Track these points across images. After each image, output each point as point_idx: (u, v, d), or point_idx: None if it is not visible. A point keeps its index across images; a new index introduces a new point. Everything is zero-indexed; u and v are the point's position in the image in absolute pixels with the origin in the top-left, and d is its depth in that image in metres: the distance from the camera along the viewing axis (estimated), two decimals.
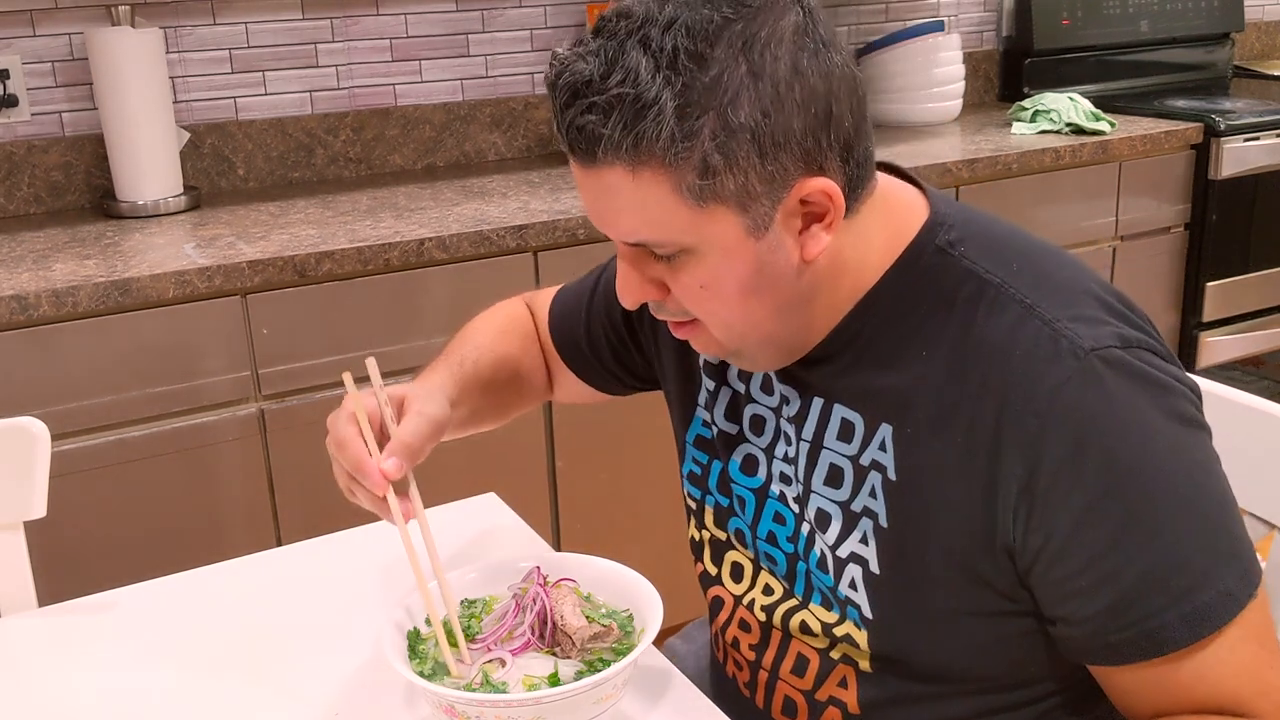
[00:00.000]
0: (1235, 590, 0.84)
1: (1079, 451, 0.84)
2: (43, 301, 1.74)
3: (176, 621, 1.16)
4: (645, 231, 0.87)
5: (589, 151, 0.84)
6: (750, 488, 1.06)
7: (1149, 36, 3.24)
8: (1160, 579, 0.84)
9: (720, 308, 0.90)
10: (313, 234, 2.02)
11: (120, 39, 2.16)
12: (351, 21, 2.48)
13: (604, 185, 0.85)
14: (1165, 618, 0.84)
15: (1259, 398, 1.11)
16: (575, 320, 1.25)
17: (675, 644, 1.33)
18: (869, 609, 0.95)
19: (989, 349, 0.88)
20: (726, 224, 0.85)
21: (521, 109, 2.68)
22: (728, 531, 1.09)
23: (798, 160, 0.84)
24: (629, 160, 0.82)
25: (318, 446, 1.97)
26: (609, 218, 0.88)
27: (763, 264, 0.87)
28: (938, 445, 0.89)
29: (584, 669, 0.92)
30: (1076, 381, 0.84)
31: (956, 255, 0.92)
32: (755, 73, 0.81)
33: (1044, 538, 0.86)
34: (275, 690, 1.04)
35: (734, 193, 0.83)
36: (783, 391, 1.01)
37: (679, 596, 1.11)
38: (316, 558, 1.28)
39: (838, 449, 0.96)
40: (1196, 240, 2.82)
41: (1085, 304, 0.89)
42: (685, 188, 0.83)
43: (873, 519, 0.94)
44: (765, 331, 0.93)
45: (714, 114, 0.81)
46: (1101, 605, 0.85)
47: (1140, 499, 0.84)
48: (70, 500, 1.77)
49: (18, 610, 1.24)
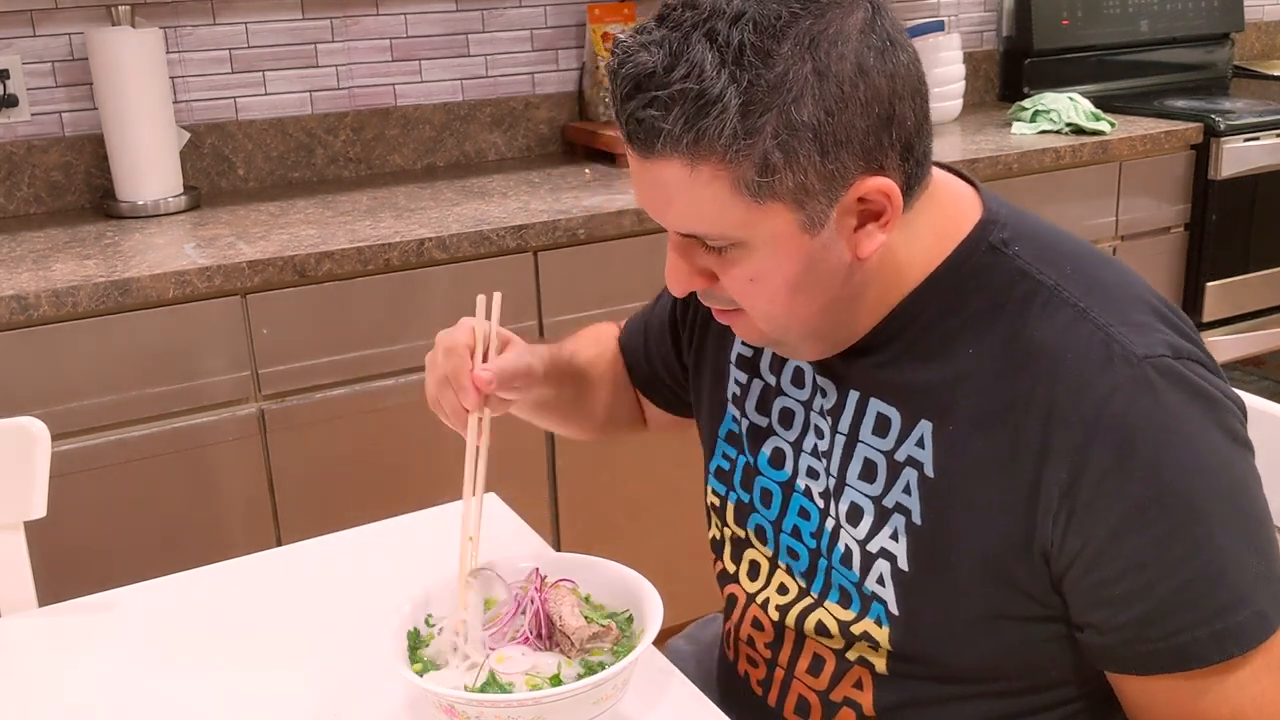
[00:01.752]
0: (1269, 612, 0.84)
1: (1125, 459, 0.83)
2: (43, 301, 1.74)
3: (176, 621, 1.16)
4: (698, 225, 0.87)
5: (647, 144, 0.83)
6: (777, 481, 1.05)
7: (1149, 36, 3.24)
8: (1196, 595, 0.83)
9: (767, 302, 0.90)
10: (313, 234, 2.02)
11: (120, 39, 2.16)
12: (351, 21, 2.48)
13: (660, 177, 0.85)
14: (1197, 633, 0.83)
15: (1259, 398, 1.11)
16: (638, 340, 1.27)
17: (678, 644, 1.33)
18: (895, 605, 0.94)
19: (1040, 351, 0.87)
20: (781, 220, 0.84)
21: (521, 109, 2.68)
22: (747, 529, 1.09)
23: (858, 159, 0.83)
24: (688, 155, 0.82)
25: (318, 446, 1.98)
26: (662, 208, 0.88)
27: (814, 261, 0.87)
28: (980, 445, 0.89)
29: (584, 670, 0.92)
30: (1127, 389, 0.83)
31: (1010, 255, 0.92)
32: (820, 71, 0.81)
33: (1082, 542, 0.85)
34: (275, 690, 1.04)
35: (791, 190, 0.83)
36: (820, 384, 1.01)
37: (679, 596, 1.11)
38: (316, 558, 1.28)
39: (873, 443, 0.96)
40: (1196, 240, 2.82)
41: (1138, 310, 0.88)
42: (744, 184, 0.82)
43: (905, 515, 0.93)
44: (810, 326, 0.93)
45: (777, 112, 0.80)
46: (1134, 615, 0.85)
47: (1183, 512, 0.83)
48: (70, 500, 1.77)
49: (18, 610, 1.24)
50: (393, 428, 2.02)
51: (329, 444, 1.98)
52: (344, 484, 2.00)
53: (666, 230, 0.91)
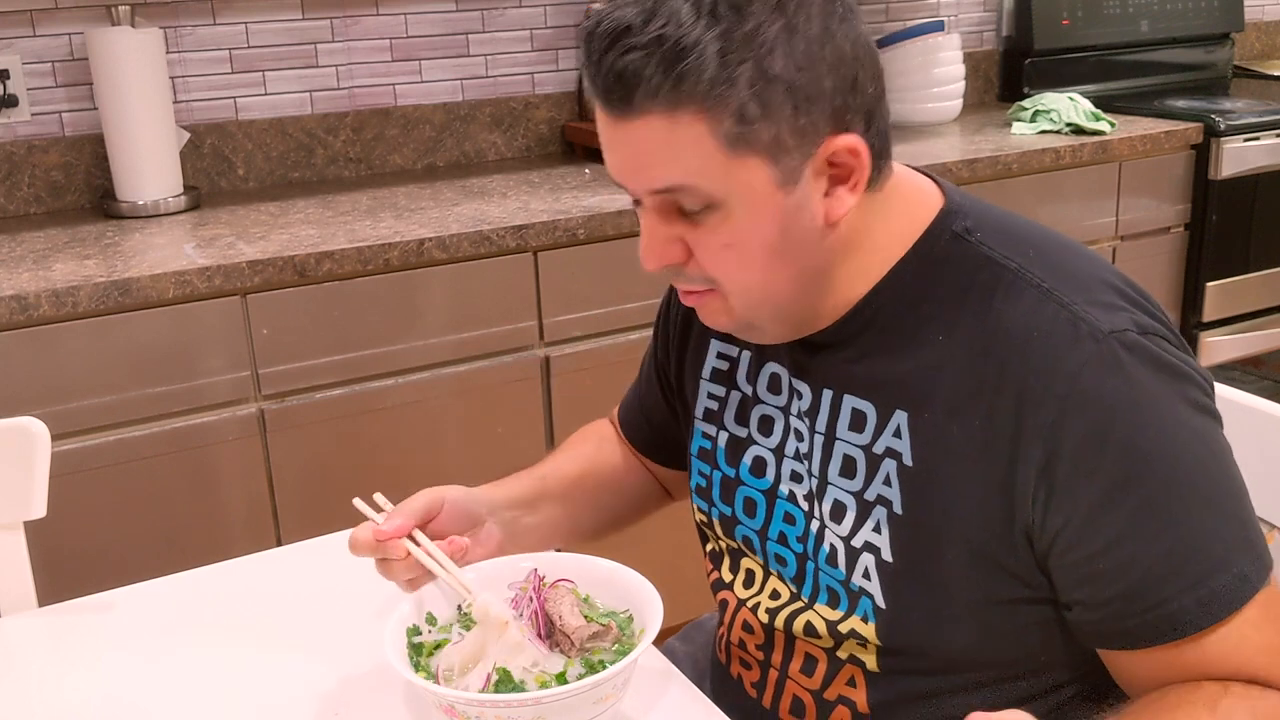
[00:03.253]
0: (1250, 574, 0.85)
1: (1100, 436, 0.85)
2: (43, 301, 1.74)
3: (176, 621, 1.16)
4: (678, 177, 0.87)
5: (625, 98, 0.84)
6: (760, 489, 1.06)
7: (1149, 36, 3.24)
8: (1177, 564, 0.85)
9: (742, 270, 0.91)
10: (313, 234, 2.02)
11: (120, 39, 2.16)
12: (351, 21, 2.48)
13: (637, 135, 0.86)
14: (1182, 601, 0.85)
15: (1259, 398, 1.11)
16: (634, 411, 1.28)
17: (674, 644, 1.33)
18: (882, 598, 0.95)
19: (1007, 333, 0.88)
20: (758, 174, 0.86)
21: (521, 109, 2.68)
22: (736, 540, 1.09)
23: (827, 118, 0.86)
24: (668, 103, 0.83)
25: (318, 446, 1.98)
26: (640, 169, 0.89)
27: (789, 223, 0.88)
28: (956, 431, 0.90)
29: (584, 669, 0.92)
30: (1095, 365, 0.85)
31: (973, 241, 0.93)
32: (790, 28, 0.83)
33: (1063, 520, 0.86)
34: (275, 690, 1.04)
35: (767, 144, 0.85)
36: (795, 386, 1.01)
37: (679, 597, 1.11)
38: (316, 558, 1.28)
39: (850, 439, 0.97)
40: (1196, 240, 2.82)
41: (1101, 290, 0.90)
42: (722, 133, 0.84)
43: (886, 507, 0.94)
44: (782, 299, 0.93)
45: (752, 62, 0.83)
46: (1119, 589, 0.86)
47: (1159, 485, 0.85)
48: (70, 500, 1.77)
49: (18, 610, 1.24)
50: (393, 428, 2.02)
51: (329, 444, 1.98)
52: (344, 484, 1.99)
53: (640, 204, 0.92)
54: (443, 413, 2.05)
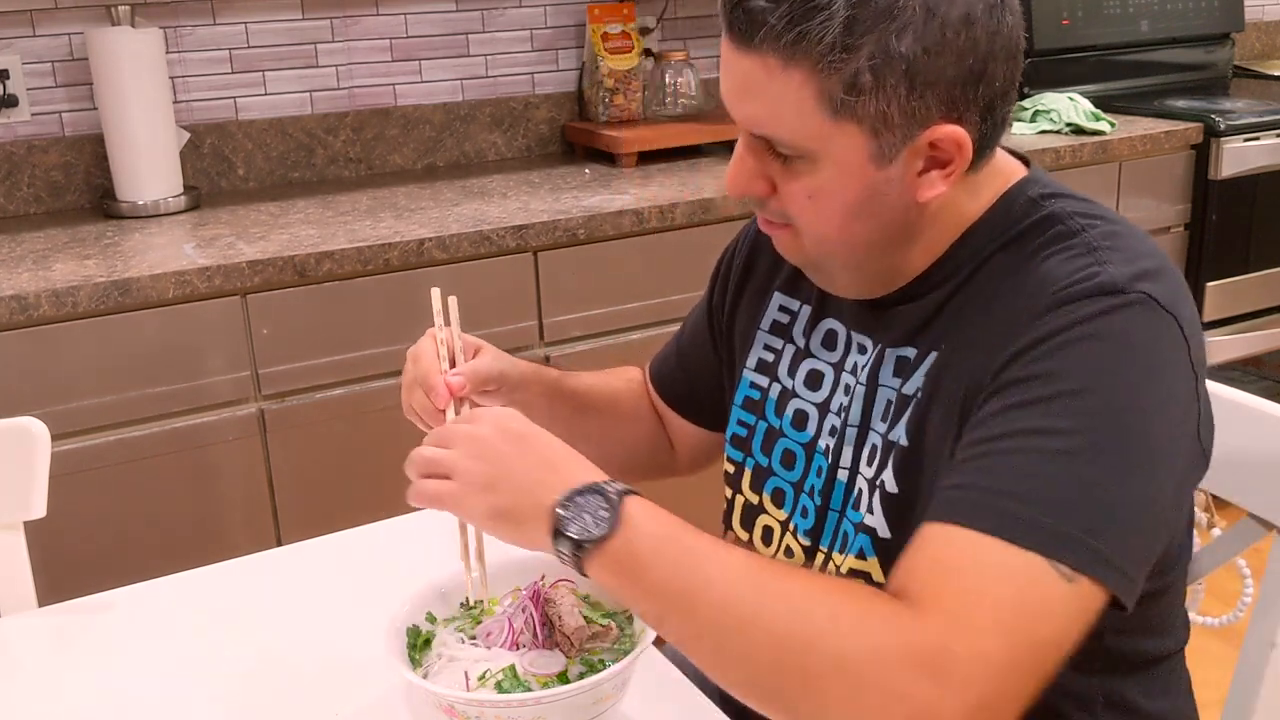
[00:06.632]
0: (1108, 554, 0.77)
1: (1057, 338, 0.83)
2: (43, 301, 1.74)
3: (176, 621, 1.16)
4: (774, 126, 0.88)
5: (748, 34, 0.85)
6: (800, 442, 1.07)
7: (1149, 36, 3.23)
8: (1062, 494, 0.78)
9: (820, 222, 0.92)
10: (313, 234, 2.02)
11: (120, 39, 2.16)
12: (351, 21, 2.48)
13: (750, 71, 0.86)
14: (1039, 522, 0.77)
15: (1259, 398, 1.11)
16: (670, 363, 1.28)
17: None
18: (885, 530, 0.95)
19: (1041, 282, 0.88)
20: (854, 144, 0.87)
21: (521, 109, 2.68)
22: (763, 494, 1.10)
23: (941, 104, 0.86)
24: (784, 54, 0.84)
25: (318, 446, 1.98)
26: (743, 101, 0.89)
27: (875, 193, 0.89)
28: (963, 361, 0.90)
29: (585, 669, 0.92)
30: (1091, 301, 0.84)
31: (1047, 205, 0.94)
32: (930, 9, 0.83)
33: (991, 400, 0.84)
34: (275, 690, 1.04)
35: (871, 116, 0.85)
36: (857, 340, 1.02)
37: None
38: (316, 558, 1.28)
39: (892, 384, 0.98)
40: (1196, 240, 2.82)
41: (1148, 264, 0.88)
42: (828, 97, 0.84)
43: (896, 442, 0.95)
44: (856, 257, 0.95)
45: (878, 35, 0.83)
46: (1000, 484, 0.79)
47: (1092, 420, 0.80)
48: (70, 500, 1.77)
49: (18, 610, 1.24)
50: (393, 428, 2.01)
51: (329, 444, 1.98)
52: (344, 484, 2.00)
53: (739, 128, 0.92)
54: None
